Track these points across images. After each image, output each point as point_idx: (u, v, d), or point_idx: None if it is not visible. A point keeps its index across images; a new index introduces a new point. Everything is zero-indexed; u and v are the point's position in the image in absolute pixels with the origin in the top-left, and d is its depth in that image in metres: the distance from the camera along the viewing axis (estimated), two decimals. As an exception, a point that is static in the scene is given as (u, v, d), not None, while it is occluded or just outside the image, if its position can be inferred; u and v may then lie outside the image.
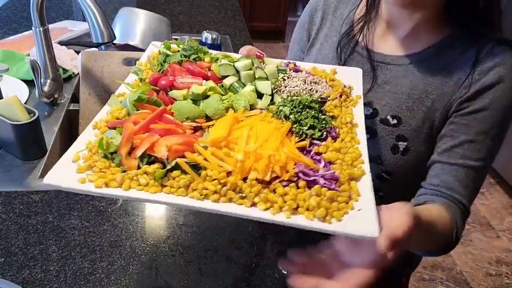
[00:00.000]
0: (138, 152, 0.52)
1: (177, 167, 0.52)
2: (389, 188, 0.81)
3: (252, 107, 0.64)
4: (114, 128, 0.58)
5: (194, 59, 0.72)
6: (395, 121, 0.76)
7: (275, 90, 0.67)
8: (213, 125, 0.59)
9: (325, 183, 0.52)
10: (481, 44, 0.70)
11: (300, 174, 0.53)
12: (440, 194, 0.71)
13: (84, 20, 1.16)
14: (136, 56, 1.24)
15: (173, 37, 1.50)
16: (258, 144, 0.54)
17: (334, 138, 0.61)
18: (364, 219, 0.48)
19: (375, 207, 0.50)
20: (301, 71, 0.75)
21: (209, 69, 0.70)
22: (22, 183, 0.94)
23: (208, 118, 0.61)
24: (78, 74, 1.33)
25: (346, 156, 0.57)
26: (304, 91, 0.66)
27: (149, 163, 0.53)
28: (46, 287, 0.72)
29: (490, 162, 0.72)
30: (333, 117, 0.65)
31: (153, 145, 0.52)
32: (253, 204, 0.50)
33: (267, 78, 0.68)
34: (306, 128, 0.60)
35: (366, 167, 0.56)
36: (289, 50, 0.98)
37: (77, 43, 1.50)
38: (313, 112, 0.62)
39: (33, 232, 0.82)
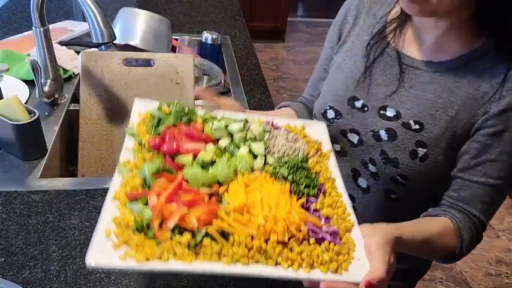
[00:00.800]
0: (171, 225, 0.55)
1: (206, 234, 0.56)
2: (404, 191, 0.81)
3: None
4: (134, 199, 0.60)
5: (186, 121, 0.76)
6: (417, 126, 0.75)
7: (267, 151, 0.73)
8: (225, 189, 0.64)
9: (331, 239, 0.60)
10: None
11: (310, 233, 0.60)
12: (457, 207, 0.74)
13: (85, 20, 1.16)
14: (136, 56, 1.24)
15: (173, 37, 1.51)
16: (274, 208, 0.60)
17: (324, 194, 0.68)
18: (363, 267, 0.57)
19: (365, 256, 0.59)
20: (279, 127, 0.80)
21: (202, 131, 0.74)
22: (22, 183, 0.94)
23: (219, 182, 0.66)
24: (78, 74, 1.33)
25: (338, 211, 0.65)
26: (290, 150, 0.74)
27: (178, 232, 0.57)
28: (46, 287, 0.73)
29: (507, 181, 0.72)
30: (316, 173, 0.72)
31: (183, 217, 0.56)
32: (276, 263, 0.56)
33: (254, 138, 0.75)
34: (303, 187, 0.67)
35: (353, 217, 0.64)
36: (323, 48, 0.97)
37: (77, 43, 1.50)
38: (305, 172, 0.70)
39: (33, 232, 0.82)
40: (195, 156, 0.67)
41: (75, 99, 1.29)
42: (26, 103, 1.18)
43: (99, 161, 1.17)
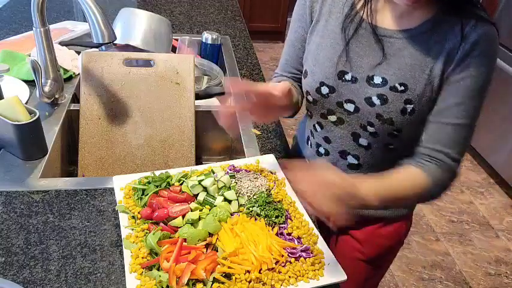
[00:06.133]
0: (185, 280, 0.69)
1: (213, 280, 0.71)
2: (399, 141, 0.92)
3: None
4: (148, 267, 0.72)
5: (165, 186, 0.88)
6: (402, 88, 0.85)
7: (237, 195, 0.88)
8: (217, 238, 0.78)
9: (306, 255, 0.77)
10: (464, 20, 0.81)
11: (289, 254, 0.77)
12: (425, 149, 0.86)
13: (85, 20, 1.16)
14: (136, 56, 1.24)
15: (173, 37, 1.51)
16: (260, 247, 0.75)
17: (291, 219, 0.85)
18: (335, 269, 0.76)
19: (334, 258, 0.78)
20: (240, 169, 0.95)
21: (180, 190, 0.87)
22: (23, 183, 0.94)
23: (209, 233, 0.79)
24: (78, 74, 1.34)
25: (304, 229, 0.82)
26: (255, 188, 0.89)
27: (192, 284, 0.70)
28: (47, 287, 0.73)
29: (474, 120, 0.85)
30: (280, 201, 0.88)
31: (193, 272, 0.70)
32: (272, 286, 0.72)
33: (224, 186, 0.88)
34: (274, 218, 0.83)
35: (316, 231, 0.83)
36: (289, 28, 1.02)
37: (77, 43, 1.50)
38: (273, 205, 0.86)
39: (33, 232, 0.83)
40: (183, 215, 0.81)
41: (76, 99, 1.29)
42: (26, 103, 1.18)
43: (99, 161, 1.17)
